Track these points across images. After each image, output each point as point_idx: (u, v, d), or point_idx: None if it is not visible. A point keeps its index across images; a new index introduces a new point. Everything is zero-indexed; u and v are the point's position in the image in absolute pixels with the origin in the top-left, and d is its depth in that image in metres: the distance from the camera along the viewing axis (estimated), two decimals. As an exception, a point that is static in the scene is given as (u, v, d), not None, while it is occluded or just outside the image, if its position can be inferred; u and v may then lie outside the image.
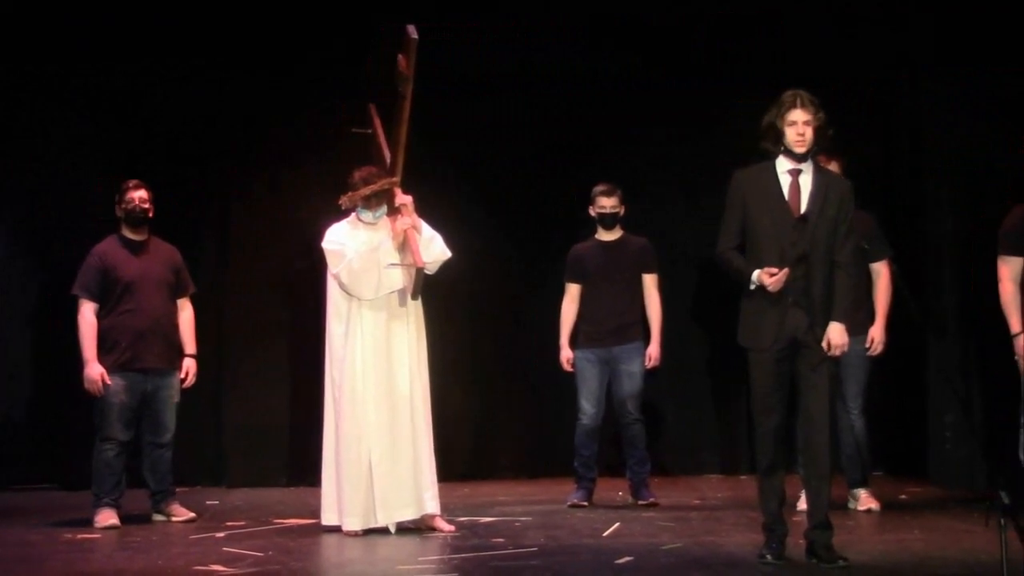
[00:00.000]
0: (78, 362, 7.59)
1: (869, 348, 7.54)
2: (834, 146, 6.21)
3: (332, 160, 9.29)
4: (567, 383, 8.39)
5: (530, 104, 9.82)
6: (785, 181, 5.80)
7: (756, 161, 5.95)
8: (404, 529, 6.97)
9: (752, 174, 5.88)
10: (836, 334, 5.70)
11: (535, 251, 9.92)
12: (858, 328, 7.12)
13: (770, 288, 5.68)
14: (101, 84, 9.60)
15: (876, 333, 7.56)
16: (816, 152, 5.85)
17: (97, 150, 9.57)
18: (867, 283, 7.55)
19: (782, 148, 5.79)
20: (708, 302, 9.93)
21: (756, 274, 5.71)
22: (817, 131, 5.76)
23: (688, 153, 10.11)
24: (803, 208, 5.75)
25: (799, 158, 5.78)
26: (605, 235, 8.29)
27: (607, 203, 8.24)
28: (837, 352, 5.74)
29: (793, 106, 5.76)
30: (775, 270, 5.67)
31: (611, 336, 8.15)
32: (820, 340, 5.70)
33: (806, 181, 5.79)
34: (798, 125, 5.75)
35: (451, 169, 9.75)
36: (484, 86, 9.69)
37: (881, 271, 7.62)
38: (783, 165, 5.82)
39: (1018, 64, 8.32)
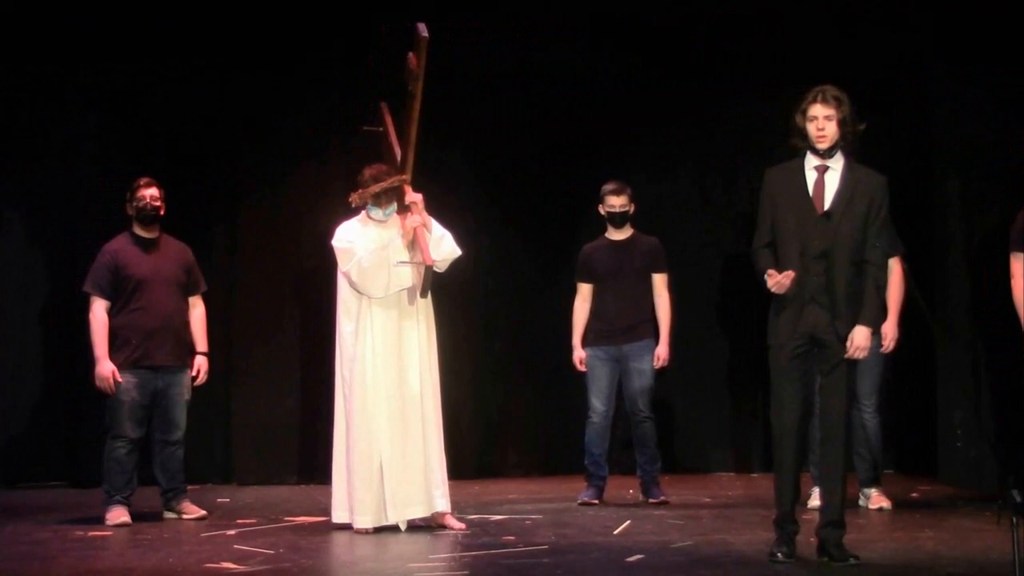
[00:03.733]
0: (88, 359, 7.60)
1: (883, 345, 7.55)
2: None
3: (334, 160, 9.36)
4: (577, 381, 8.40)
5: (534, 103, 9.82)
6: (811, 178, 5.77)
7: (773, 160, 5.95)
8: (415, 527, 6.97)
9: (781, 172, 5.86)
10: (861, 337, 5.66)
11: (544, 249, 9.94)
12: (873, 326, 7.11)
13: (772, 289, 5.68)
14: (102, 84, 9.61)
15: (889, 329, 7.55)
16: (849, 148, 5.77)
17: (100, 149, 9.58)
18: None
19: (809, 144, 5.77)
20: (721, 300, 9.96)
21: (766, 275, 5.72)
22: (841, 125, 5.71)
23: (690, 152, 10.15)
24: (827, 205, 5.72)
25: (823, 154, 5.75)
26: (615, 234, 8.29)
27: (616, 202, 8.24)
28: (859, 355, 5.70)
29: (814, 101, 5.73)
30: (774, 271, 5.67)
31: (621, 334, 8.16)
32: (841, 338, 5.66)
33: (833, 178, 5.75)
34: (818, 120, 5.71)
35: (458, 167, 9.77)
36: (487, 86, 9.70)
37: (893, 268, 7.61)
38: (811, 162, 5.79)
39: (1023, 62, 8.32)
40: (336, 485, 7.07)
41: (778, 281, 5.66)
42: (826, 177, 5.76)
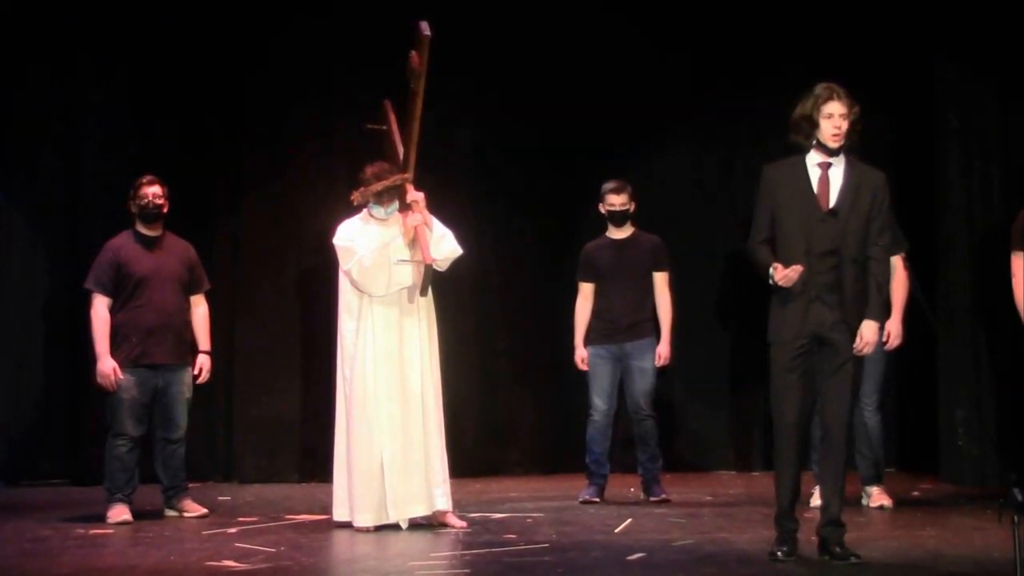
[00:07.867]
0: (90, 356, 7.60)
1: (886, 343, 7.54)
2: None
3: (336, 158, 9.35)
4: (579, 379, 8.39)
5: (536, 102, 9.79)
6: (815, 175, 5.74)
7: (779, 156, 5.93)
8: (416, 525, 6.97)
9: (782, 168, 5.83)
10: (870, 332, 5.67)
11: (545, 248, 9.94)
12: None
13: (780, 283, 5.65)
14: (104, 83, 9.61)
15: (893, 327, 7.54)
16: (849, 147, 5.75)
17: (101, 148, 9.56)
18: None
19: (815, 142, 5.73)
20: (723, 298, 9.95)
21: (772, 268, 5.69)
22: (852, 125, 5.70)
23: (691, 150, 10.14)
24: (832, 202, 5.70)
25: (831, 152, 5.73)
26: (616, 233, 8.29)
27: (616, 200, 8.23)
28: (868, 350, 5.71)
29: (830, 99, 5.68)
30: (780, 265, 5.64)
31: (623, 333, 8.15)
32: (850, 336, 5.65)
33: (836, 175, 5.72)
34: (835, 118, 5.68)
35: (460, 166, 9.77)
36: (489, 84, 9.70)
37: (897, 265, 7.59)
38: (814, 159, 5.76)
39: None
40: (337, 483, 7.07)
41: (786, 275, 5.62)
42: (830, 174, 5.73)
